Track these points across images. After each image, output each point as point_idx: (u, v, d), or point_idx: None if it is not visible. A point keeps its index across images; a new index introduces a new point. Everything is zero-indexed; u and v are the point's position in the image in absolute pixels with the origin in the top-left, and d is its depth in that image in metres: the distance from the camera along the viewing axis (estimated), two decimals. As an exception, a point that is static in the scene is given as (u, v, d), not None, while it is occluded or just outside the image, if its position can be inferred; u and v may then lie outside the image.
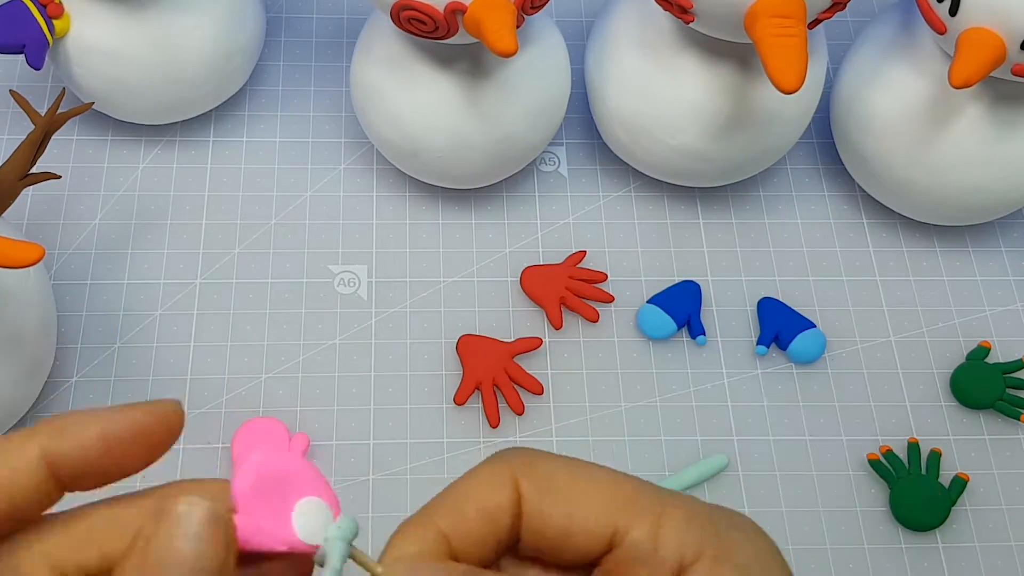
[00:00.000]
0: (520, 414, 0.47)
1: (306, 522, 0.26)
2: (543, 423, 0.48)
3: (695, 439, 0.48)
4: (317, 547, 0.26)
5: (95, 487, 0.26)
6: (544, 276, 0.51)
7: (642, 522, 0.26)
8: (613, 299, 0.51)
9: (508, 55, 0.39)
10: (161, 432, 0.25)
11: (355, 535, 0.27)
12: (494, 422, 0.47)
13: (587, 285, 0.51)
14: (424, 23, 0.42)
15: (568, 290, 0.50)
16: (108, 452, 0.25)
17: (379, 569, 0.26)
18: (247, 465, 0.26)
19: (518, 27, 0.42)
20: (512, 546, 0.27)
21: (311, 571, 0.26)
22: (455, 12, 0.41)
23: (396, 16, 0.42)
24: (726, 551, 0.26)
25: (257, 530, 0.26)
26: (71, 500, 0.26)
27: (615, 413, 0.48)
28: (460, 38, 0.43)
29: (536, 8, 0.43)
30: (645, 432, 0.48)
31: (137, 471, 0.25)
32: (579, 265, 0.51)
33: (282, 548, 0.26)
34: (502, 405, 0.48)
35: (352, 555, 0.26)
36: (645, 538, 0.26)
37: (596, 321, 0.50)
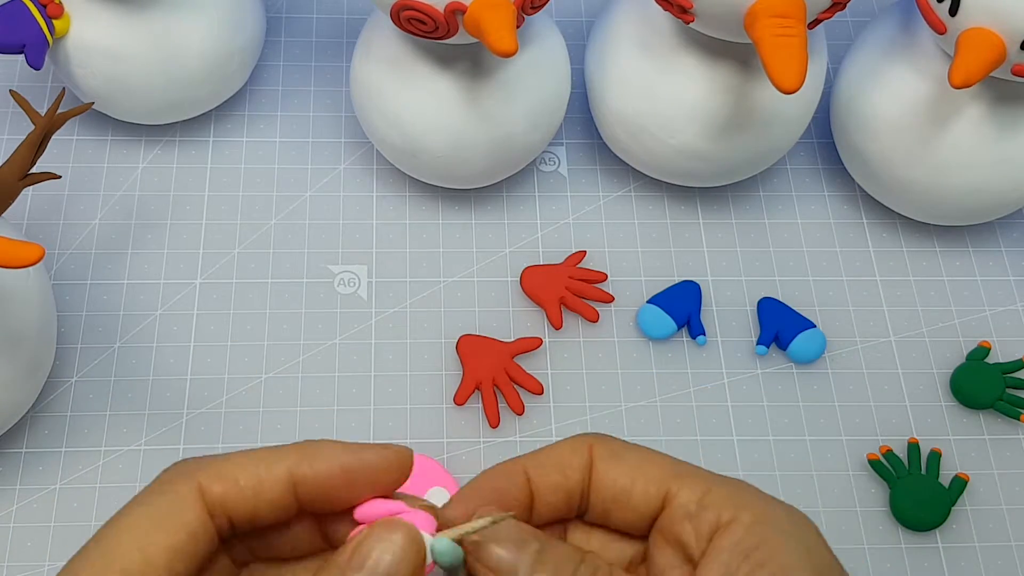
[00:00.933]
0: (520, 414, 0.47)
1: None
2: (543, 423, 0.48)
3: (695, 439, 0.48)
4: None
5: (325, 511, 0.29)
6: (544, 276, 0.51)
7: (691, 488, 0.30)
8: (613, 299, 0.51)
9: (508, 55, 0.39)
10: (393, 475, 0.29)
11: None
12: (494, 422, 0.47)
13: (587, 285, 0.51)
14: (424, 23, 0.42)
15: (568, 290, 0.50)
16: (347, 484, 0.28)
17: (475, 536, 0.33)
18: None
19: (518, 27, 0.42)
20: (580, 512, 0.31)
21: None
22: (455, 12, 0.41)
23: (396, 16, 0.42)
24: (768, 516, 0.29)
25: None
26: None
27: (615, 413, 0.48)
28: (460, 38, 0.43)
29: (536, 8, 0.43)
30: (645, 432, 0.48)
31: (363, 502, 0.29)
32: (579, 265, 0.51)
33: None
34: (502, 405, 0.48)
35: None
36: (692, 500, 0.30)
37: (596, 321, 0.50)
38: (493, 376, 0.48)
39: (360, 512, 0.29)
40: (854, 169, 0.52)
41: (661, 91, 0.47)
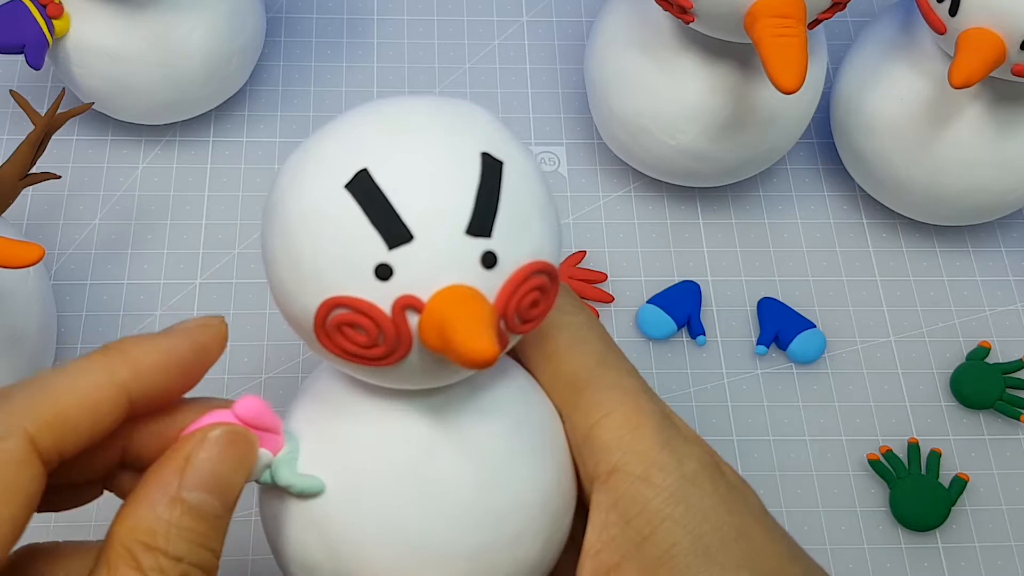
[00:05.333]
0: (520, 414, 0.47)
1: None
2: (543, 423, 0.48)
3: (695, 439, 0.48)
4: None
5: (159, 408, 0.28)
6: (544, 276, 0.50)
7: (587, 407, 0.27)
8: (613, 299, 0.51)
9: (486, 363, 0.24)
10: (214, 346, 0.29)
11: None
12: (494, 422, 0.47)
13: (587, 285, 0.51)
14: (364, 331, 0.26)
15: (568, 290, 0.50)
16: (181, 373, 0.27)
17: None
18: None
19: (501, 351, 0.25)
20: None
21: None
22: (406, 309, 0.26)
23: (322, 326, 0.27)
24: (660, 466, 0.26)
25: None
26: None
27: (615, 413, 0.48)
28: (411, 373, 0.27)
29: (533, 321, 0.28)
30: (645, 432, 0.48)
31: (195, 385, 0.28)
32: (579, 265, 0.51)
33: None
34: (502, 405, 0.48)
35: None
36: (584, 424, 0.27)
37: (596, 321, 0.50)
38: (493, 376, 0.47)
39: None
40: (854, 169, 0.52)
41: (661, 91, 0.47)
